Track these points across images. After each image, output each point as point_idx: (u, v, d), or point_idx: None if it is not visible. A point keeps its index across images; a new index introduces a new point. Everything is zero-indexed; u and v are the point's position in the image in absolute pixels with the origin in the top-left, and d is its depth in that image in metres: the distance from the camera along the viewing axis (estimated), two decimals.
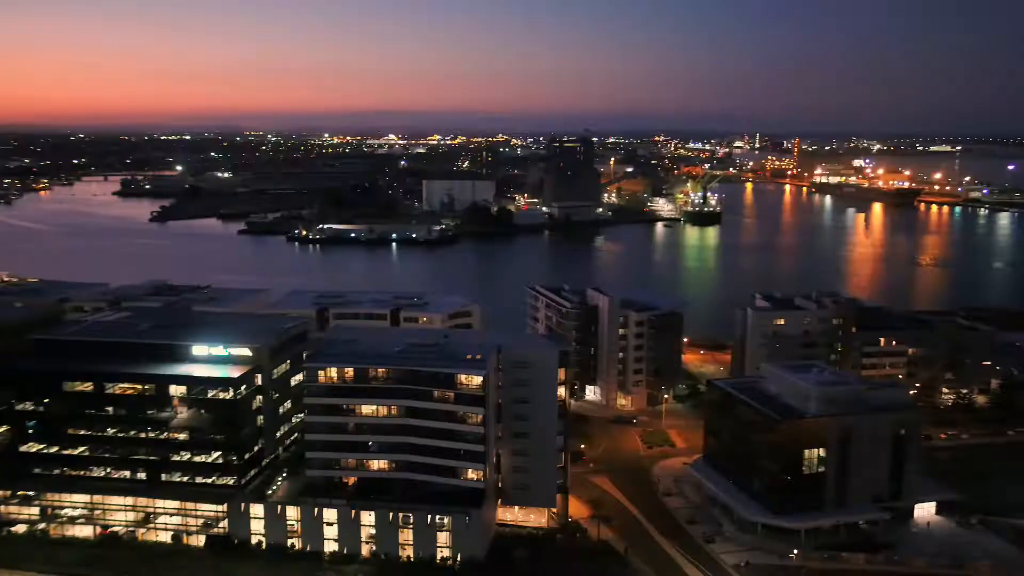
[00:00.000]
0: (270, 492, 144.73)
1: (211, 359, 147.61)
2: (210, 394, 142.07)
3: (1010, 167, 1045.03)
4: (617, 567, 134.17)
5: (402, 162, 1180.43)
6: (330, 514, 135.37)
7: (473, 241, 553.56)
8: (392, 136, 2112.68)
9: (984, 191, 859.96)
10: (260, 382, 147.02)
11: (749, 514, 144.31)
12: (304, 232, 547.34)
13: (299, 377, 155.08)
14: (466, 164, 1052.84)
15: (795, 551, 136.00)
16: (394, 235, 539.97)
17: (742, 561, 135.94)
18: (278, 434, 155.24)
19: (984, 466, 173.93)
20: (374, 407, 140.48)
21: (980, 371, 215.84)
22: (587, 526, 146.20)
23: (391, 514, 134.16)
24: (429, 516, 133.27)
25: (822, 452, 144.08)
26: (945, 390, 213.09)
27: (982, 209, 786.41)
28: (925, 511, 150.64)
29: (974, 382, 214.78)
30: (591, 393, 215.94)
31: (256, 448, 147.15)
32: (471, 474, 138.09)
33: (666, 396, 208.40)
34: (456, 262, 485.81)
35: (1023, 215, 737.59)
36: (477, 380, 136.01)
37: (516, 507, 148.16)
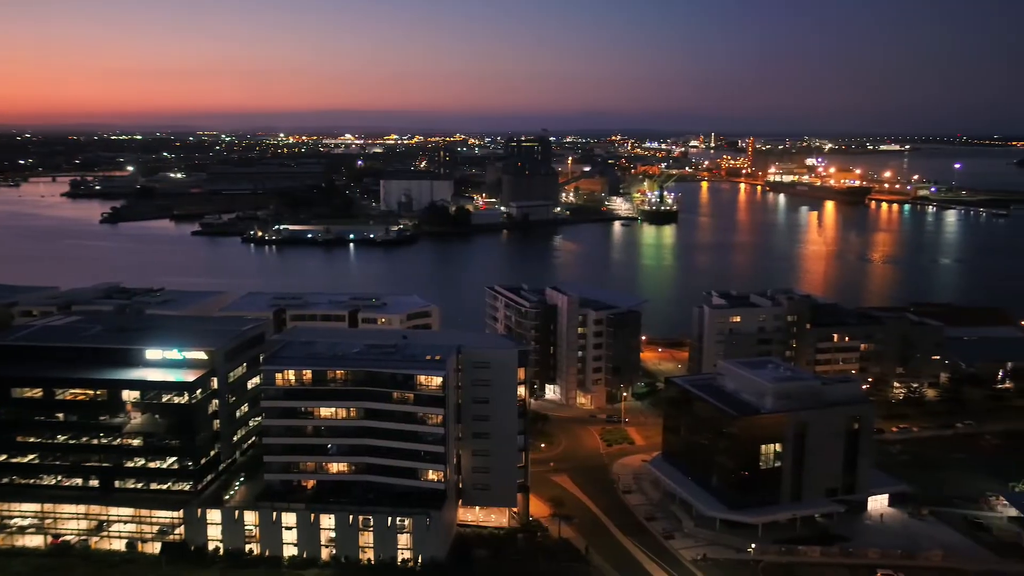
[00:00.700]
0: (227, 497, 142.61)
1: (165, 363, 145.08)
2: (164, 398, 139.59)
3: (956, 166, 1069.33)
4: (578, 565, 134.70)
5: (359, 162, 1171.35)
6: (289, 518, 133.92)
7: (431, 241, 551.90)
8: (349, 136, 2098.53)
9: (932, 189, 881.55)
10: (216, 385, 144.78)
11: (707, 509, 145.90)
12: (260, 233, 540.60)
13: (256, 380, 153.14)
14: (424, 164, 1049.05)
15: (753, 545, 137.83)
16: (351, 235, 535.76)
17: (700, 556, 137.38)
18: (235, 438, 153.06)
19: (934, 458, 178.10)
20: (333, 409, 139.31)
21: (929, 365, 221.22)
22: (548, 525, 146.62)
23: (351, 517, 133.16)
24: (389, 518, 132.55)
25: (778, 447, 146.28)
26: (896, 384, 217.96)
27: (930, 207, 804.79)
28: (878, 503, 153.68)
29: (924, 376, 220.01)
30: (551, 392, 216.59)
31: (212, 453, 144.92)
32: (431, 475, 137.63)
33: (625, 394, 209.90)
34: (414, 262, 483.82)
35: (969, 212, 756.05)
36: (437, 381, 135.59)
37: (477, 507, 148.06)
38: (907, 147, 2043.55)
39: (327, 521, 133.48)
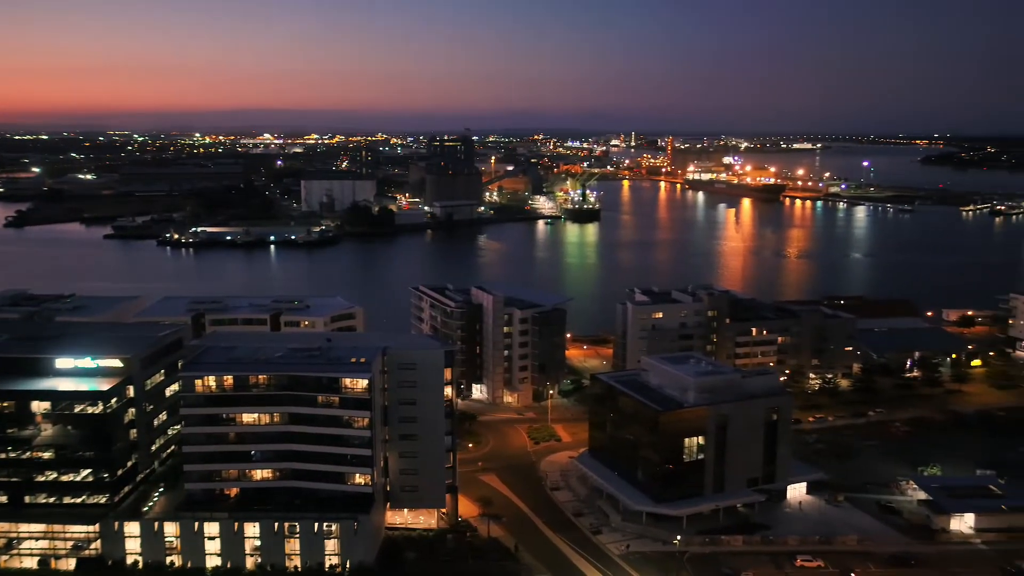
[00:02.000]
0: (146, 509, 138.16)
1: (77, 372, 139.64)
2: (77, 409, 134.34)
3: (865, 163, 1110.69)
4: (508, 564, 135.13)
5: (278, 162, 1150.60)
6: (211, 528, 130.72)
7: (354, 242, 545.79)
8: (268, 135, 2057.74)
9: (843, 186, 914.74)
10: (132, 394, 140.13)
11: (634, 503, 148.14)
12: (176, 235, 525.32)
13: (175, 387, 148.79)
14: (345, 164, 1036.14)
15: (678, 537, 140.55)
16: (272, 237, 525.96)
17: (627, 550, 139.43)
18: (153, 447, 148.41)
19: (848, 446, 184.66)
20: (255, 415, 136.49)
21: (842, 356, 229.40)
22: (477, 524, 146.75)
23: (276, 524, 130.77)
24: (316, 524, 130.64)
25: (701, 440, 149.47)
26: (812, 375, 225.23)
27: (841, 203, 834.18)
28: (797, 491, 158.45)
29: (837, 367, 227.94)
30: (478, 391, 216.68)
31: (129, 463, 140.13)
32: (358, 479, 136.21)
33: (551, 392, 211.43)
34: (337, 264, 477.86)
35: (877, 208, 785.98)
36: (362, 383, 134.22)
37: (405, 510, 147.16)
38: (819, 145, 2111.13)
39: (251, 529, 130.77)
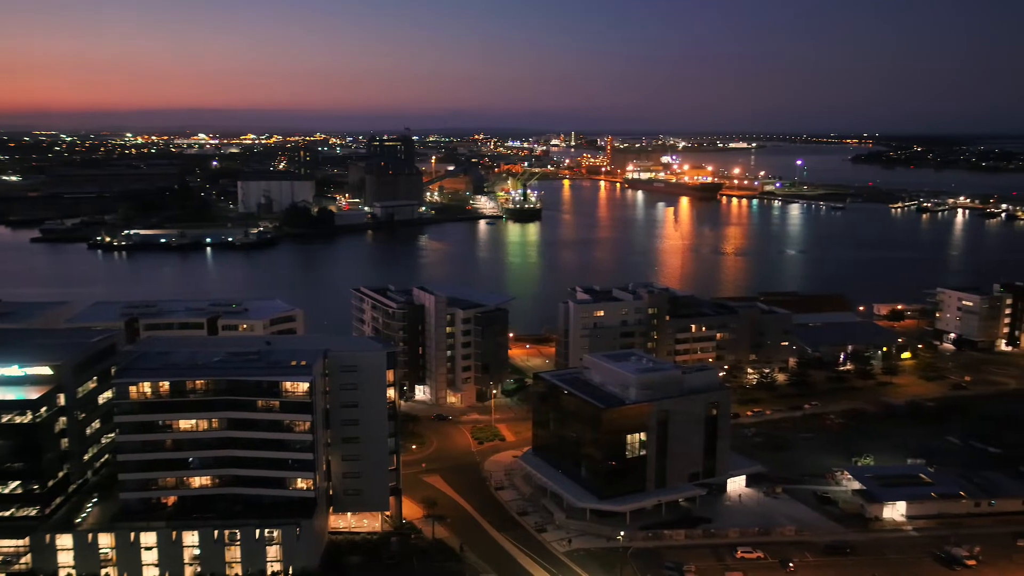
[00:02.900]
0: (79, 520, 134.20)
1: (4, 380, 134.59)
2: (4, 419, 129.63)
3: (798, 162, 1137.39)
4: (453, 564, 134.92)
5: (214, 162, 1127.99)
6: (148, 538, 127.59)
7: (293, 243, 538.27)
8: (203, 135, 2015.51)
9: (777, 184, 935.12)
10: (63, 402, 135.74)
11: (577, 501, 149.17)
12: (107, 239, 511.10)
13: (108, 394, 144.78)
14: (283, 164, 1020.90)
15: (621, 532, 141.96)
16: (208, 239, 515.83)
17: (571, 547, 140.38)
18: (86, 457, 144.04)
19: (785, 438, 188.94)
20: (193, 421, 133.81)
21: (779, 351, 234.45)
22: (422, 526, 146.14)
23: (216, 532, 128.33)
24: (257, 530, 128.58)
25: (643, 436, 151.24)
26: (749, 370, 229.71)
27: (776, 201, 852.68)
28: (736, 484, 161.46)
29: (774, 361, 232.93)
30: (421, 392, 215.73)
31: (61, 474, 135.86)
32: (300, 483, 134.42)
33: (494, 391, 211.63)
34: (276, 266, 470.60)
35: (810, 206, 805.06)
36: (303, 387, 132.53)
37: (349, 513, 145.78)
38: (754, 145, 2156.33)
39: (190, 538, 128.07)
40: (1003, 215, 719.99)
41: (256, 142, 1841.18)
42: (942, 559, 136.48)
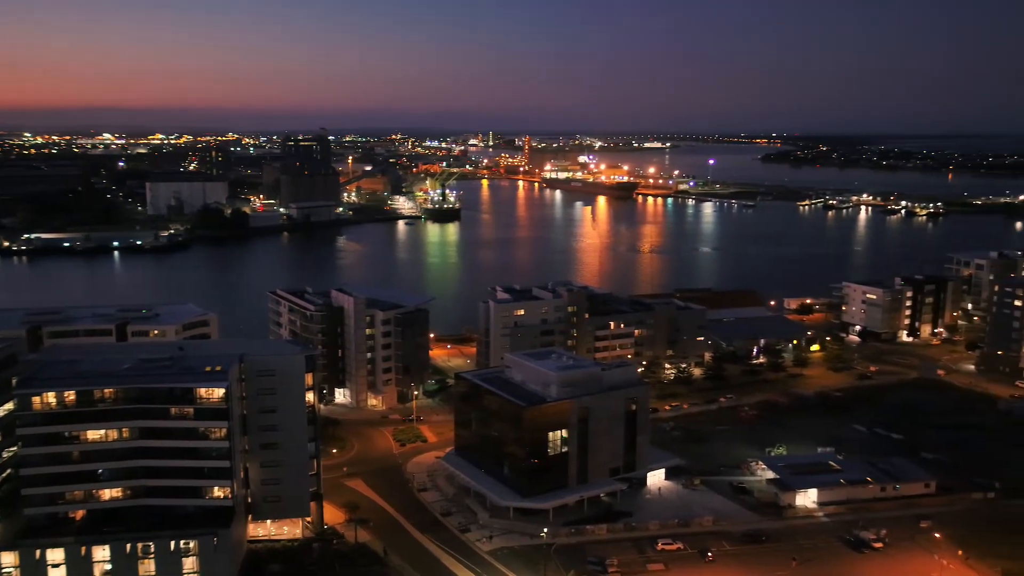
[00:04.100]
0: None
1: None
2: None
3: (711, 161, 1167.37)
4: (376, 568, 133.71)
5: (120, 163, 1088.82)
6: (55, 555, 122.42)
7: (206, 246, 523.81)
8: (108, 135, 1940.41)
9: (691, 183, 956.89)
10: None
11: (501, 499, 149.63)
12: (6, 243, 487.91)
13: (9, 406, 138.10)
14: (194, 165, 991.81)
15: (545, 530, 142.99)
16: (116, 243, 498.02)
17: (495, 545, 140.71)
18: None
19: (702, 431, 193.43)
20: (102, 431, 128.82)
21: (695, 346, 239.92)
22: (344, 531, 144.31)
23: (128, 545, 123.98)
24: (172, 542, 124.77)
25: (564, 433, 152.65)
26: (667, 365, 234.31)
27: (690, 200, 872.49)
28: (656, 478, 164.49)
29: (690, 356, 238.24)
30: (341, 395, 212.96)
31: None
32: (217, 492, 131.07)
33: (416, 393, 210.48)
34: (188, 269, 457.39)
35: (723, 204, 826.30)
36: (218, 392, 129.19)
37: (268, 521, 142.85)
38: (668, 144, 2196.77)
39: (101, 553, 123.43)
40: (903, 211, 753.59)
41: (165, 142, 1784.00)
42: (851, 543, 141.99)
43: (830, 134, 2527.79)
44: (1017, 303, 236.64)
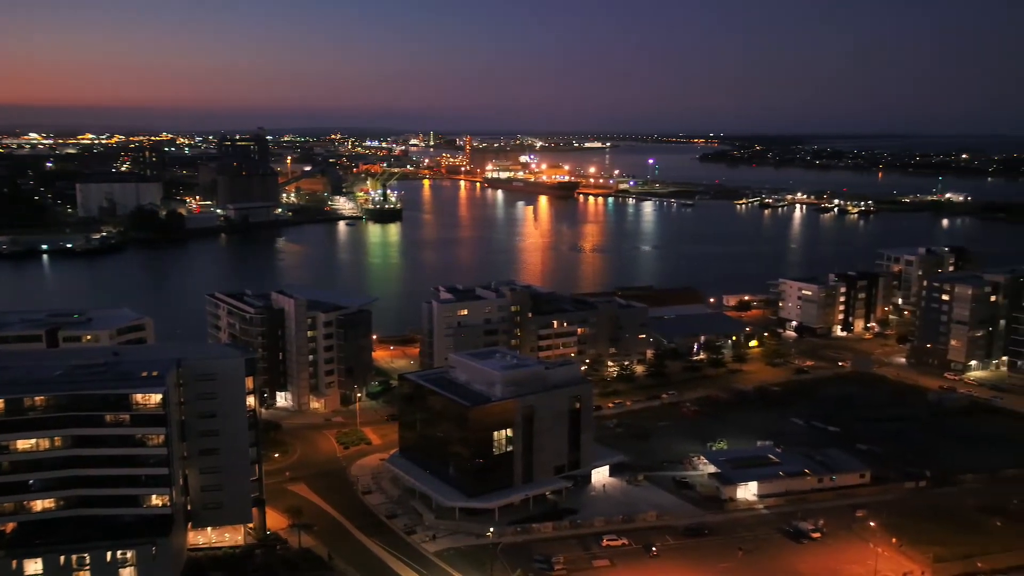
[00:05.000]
0: None
1: None
2: None
3: (650, 161, 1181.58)
4: (321, 573, 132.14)
5: (48, 164, 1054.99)
6: None
7: (140, 249, 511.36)
8: (34, 135, 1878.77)
9: (631, 183, 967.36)
10: None
11: (446, 500, 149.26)
12: None
13: None
14: (127, 165, 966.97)
15: (491, 529, 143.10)
16: (45, 246, 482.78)
17: (441, 546, 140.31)
18: None
19: (645, 428, 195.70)
20: (33, 441, 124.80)
21: (637, 343, 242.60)
22: (287, 536, 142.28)
23: (62, 558, 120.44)
24: (109, 553, 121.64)
25: (509, 432, 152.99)
26: (610, 363, 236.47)
27: (630, 199, 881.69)
28: (600, 475, 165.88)
29: (632, 354, 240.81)
30: (282, 399, 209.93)
31: None
32: (155, 500, 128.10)
33: (359, 395, 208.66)
34: (122, 273, 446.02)
35: (662, 203, 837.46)
36: (155, 398, 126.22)
37: (209, 528, 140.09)
38: (608, 144, 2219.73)
39: (33, 566, 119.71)
40: (835, 210, 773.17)
41: (96, 142, 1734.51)
42: (790, 533, 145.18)
43: (766, 134, 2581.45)
44: (944, 298, 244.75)
